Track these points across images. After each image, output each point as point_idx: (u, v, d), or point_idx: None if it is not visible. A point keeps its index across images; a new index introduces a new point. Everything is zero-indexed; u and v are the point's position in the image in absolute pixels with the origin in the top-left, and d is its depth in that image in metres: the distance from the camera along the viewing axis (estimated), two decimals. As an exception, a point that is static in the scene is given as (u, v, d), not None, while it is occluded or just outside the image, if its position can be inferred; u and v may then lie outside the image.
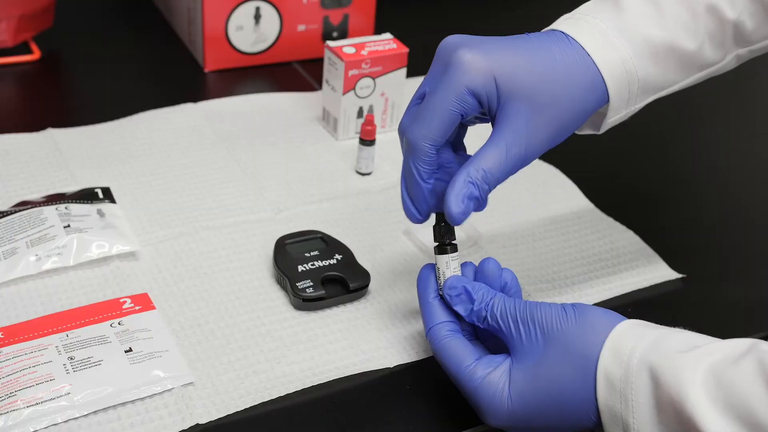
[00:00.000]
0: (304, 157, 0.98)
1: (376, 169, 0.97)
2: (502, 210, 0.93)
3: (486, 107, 0.69)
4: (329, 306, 0.79)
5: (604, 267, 0.87)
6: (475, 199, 0.68)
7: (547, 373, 0.64)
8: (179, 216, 0.87)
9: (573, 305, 0.66)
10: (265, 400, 0.70)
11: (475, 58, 0.67)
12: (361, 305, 0.80)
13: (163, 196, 0.90)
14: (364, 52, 0.97)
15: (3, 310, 0.75)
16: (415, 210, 0.71)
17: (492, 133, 0.69)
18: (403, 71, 1.00)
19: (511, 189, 0.96)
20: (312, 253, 0.81)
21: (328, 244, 0.83)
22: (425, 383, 0.73)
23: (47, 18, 1.11)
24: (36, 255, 0.78)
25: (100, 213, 0.83)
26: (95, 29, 1.19)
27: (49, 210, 0.82)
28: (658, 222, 0.95)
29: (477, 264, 0.72)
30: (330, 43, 0.98)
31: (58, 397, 0.67)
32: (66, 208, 0.83)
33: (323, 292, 0.78)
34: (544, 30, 0.73)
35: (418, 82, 1.13)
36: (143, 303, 0.76)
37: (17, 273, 0.77)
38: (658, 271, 0.87)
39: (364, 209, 0.91)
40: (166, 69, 1.14)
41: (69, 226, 0.80)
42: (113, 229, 0.82)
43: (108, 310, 0.75)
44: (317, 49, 1.14)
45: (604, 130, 0.75)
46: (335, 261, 0.81)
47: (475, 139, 0.74)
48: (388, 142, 1.00)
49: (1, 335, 0.71)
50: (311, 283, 0.78)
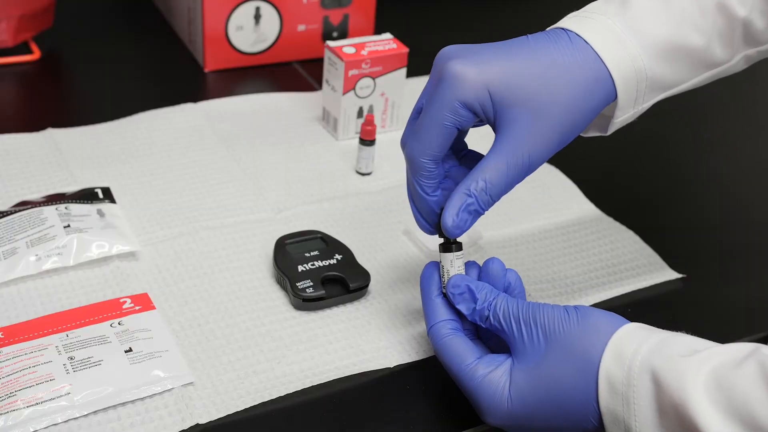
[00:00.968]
0: (304, 157, 0.98)
1: (376, 169, 0.97)
2: (502, 210, 0.93)
3: (483, 117, 0.68)
4: (329, 306, 0.79)
5: (604, 267, 0.87)
6: (474, 212, 0.68)
7: (548, 375, 0.64)
8: (179, 216, 0.87)
9: (576, 307, 0.66)
10: (265, 400, 0.70)
11: (466, 70, 0.66)
12: (361, 305, 0.80)
13: (163, 196, 0.90)
14: (364, 52, 0.97)
15: (3, 310, 0.75)
16: (426, 223, 0.71)
17: (494, 142, 0.68)
18: (403, 71, 1.00)
19: (513, 190, 0.96)
20: (312, 253, 0.81)
21: (328, 244, 0.83)
22: (425, 383, 0.73)
23: (47, 18, 1.11)
24: (36, 255, 0.78)
25: (100, 213, 0.83)
26: (95, 29, 1.19)
27: (49, 210, 0.82)
28: (658, 222, 0.95)
29: (481, 264, 0.72)
30: (330, 43, 0.98)
31: (58, 397, 0.67)
32: (66, 208, 0.83)
33: (323, 292, 0.78)
34: (548, 29, 0.72)
35: (417, 81, 1.14)
36: (143, 303, 0.76)
37: (17, 273, 0.77)
38: (658, 271, 0.87)
39: (364, 209, 0.91)
40: (166, 69, 1.14)
41: (69, 226, 0.80)
42: (113, 229, 0.82)
43: (108, 310, 0.75)
44: (317, 49, 1.14)
45: (612, 131, 0.74)
46: (335, 261, 0.81)
47: (480, 140, 0.74)
48: (388, 142, 1.00)
49: (1, 335, 0.71)
50: (311, 283, 0.78)
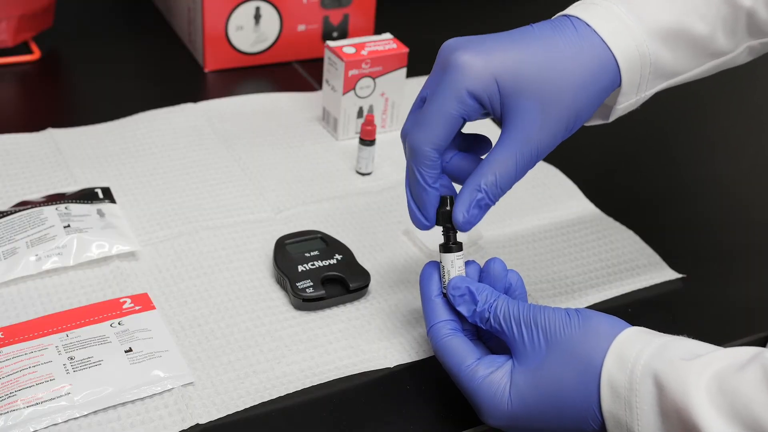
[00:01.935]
0: (304, 157, 0.98)
1: (376, 169, 0.97)
2: (502, 210, 0.93)
3: (489, 108, 0.67)
4: (329, 306, 0.79)
5: (604, 267, 0.87)
6: (485, 206, 0.68)
7: (549, 377, 0.64)
8: (179, 216, 0.87)
9: (577, 310, 0.65)
10: (265, 400, 0.70)
11: (473, 59, 0.66)
12: (361, 305, 0.80)
13: (163, 196, 0.90)
14: (364, 52, 0.97)
15: (3, 310, 0.75)
16: (422, 216, 0.70)
17: (501, 134, 0.67)
18: (403, 71, 1.00)
19: (512, 189, 0.96)
20: (312, 253, 0.81)
21: (328, 244, 0.83)
22: (425, 383, 0.73)
23: (47, 18, 1.11)
24: (36, 255, 0.78)
25: (100, 213, 0.83)
26: (95, 29, 1.19)
27: (49, 210, 0.82)
28: (658, 222, 0.95)
29: (482, 264, 0.72)
30: (330, 43, 0.98)
31: (58, 397, 0.67)
32: (66, 208, 0.83)
33: (323, 292, 0.78)
34: (554, 17, 0.71)
35: (418, 81, 1.13)
36: (143, 303, 0.76)
37: (17, 273, 0.77)
38: (658, 271, 0.87)
39: (364, 209, 0.91)
40: (166, 69, 1.14)
41: (69, 226, 0.80)
42: (113, 229, 0.82)
43: (108, 310, 0.75)
44: (317, 49, 1.14)
45: (614, 118, 0.73)
46: (335, 261, 0.81)
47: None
48: (388, 142, 1.00)
49: (1, 335, 0.71)
50: (311, 283, 0.78)
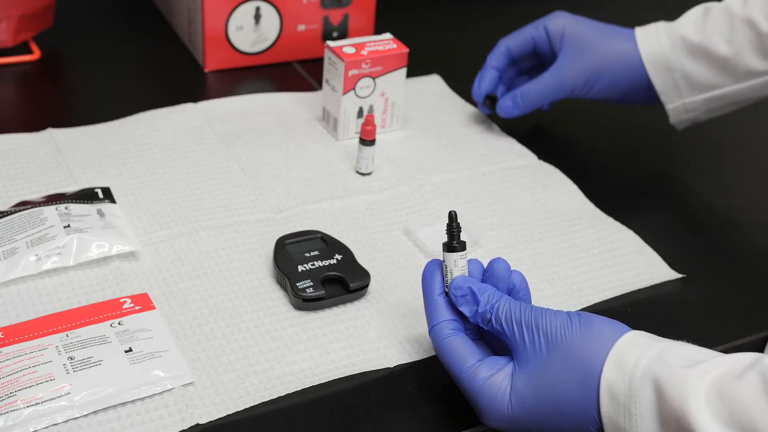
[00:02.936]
0: (304, 157, 0.98)
1: (376, 169, 0.97)
2: (502, 210, 0.93)
3: (554, 41, 0.98)
4: (329, 306, 0.79)
5: (604, 267, 0.87)
6: (516, 106, 0.99)
7: (549, 381, 0.64)
8: (179, 216, 0.87)
9: (579, 314, 0.66)
10: (265, 400, 0.70)
11: (559, 16, 0.99)
12: (361, 305, 0.80)
13: (163, 196, 0.90)
14: (364, 52, 0.97)
15: (3, 310, 0.75)
16: (477, 85, 1.01)
17: (551, 67, 0.99)
18: (403, 71, 1.00)
19: (512, 189, 0.96)
20: (312, 253, 0.81)
21: (328, 244, 0.83)
22: (425, 383, 0.73)
23: (47, 18, 1.11)
24: (36, 255, 0.78)
25: (100, 213, 0.83)
26: (95, 29, 1.19)
27: (49, 210, 0.82)
28: (658, 222, 0.95)
29: (486, 263, 0.71)
30: (330, 43, 0.98)
31: (58, 397, 0.67)
32: (66, 208, 0.83)
33: (323, 292, 0.78)
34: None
35: (418, 82, 1.13)
36: (143, 303, 0.76)
37: (17, 273, 0.77)
38: (658, 271, 0.87)
39: (364, 209, 0.91)
40: (166, 69, 1.14)
41: (69, 226, 0.80)
42: (113, 229, 0.82)
43: (108, 310, 0.75)
44: (317, 49, 1.14)
45: (675, 120, 1.00)
46: (335, 261, 0.81)
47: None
48: (388, 142, 1.00)
49: (1, 335, 0.71)
50: (311, 283, 0.78)
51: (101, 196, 0.86)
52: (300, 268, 0.79)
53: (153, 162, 0.94)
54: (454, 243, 0.70)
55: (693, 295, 0.85)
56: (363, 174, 0.96)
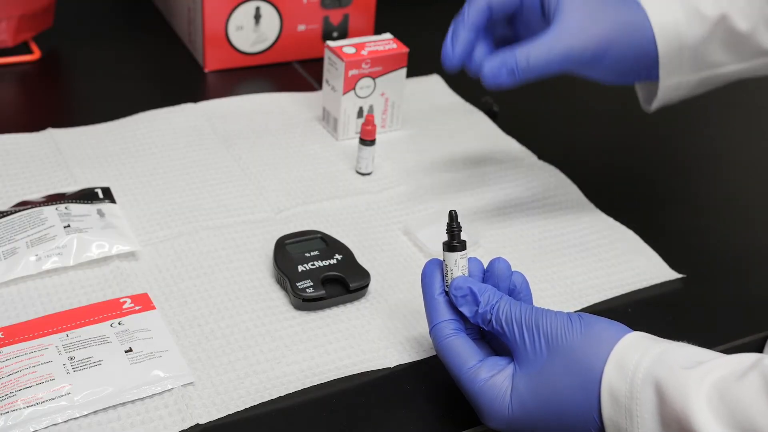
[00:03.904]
0: (304, 157, 0.98)
1: (376, 169, 0.97)
2: (502, 210, 0.93)
3: (546, 3, 0.79)
4: (329, 306, 0.79)
5: (604, 267, 0.87)
6: (511, 72, 0.77)
7: (550, 384, 0.64)
8: (179, 216, 0.87)
9: (579, 315, 0.65)
10: (265, 400, 0.70)
11: None
12: (361, 305, 0.80)
13: (163, 196, 0.90)
14: (364, 52, 0.97)
15: (3, 310, 0.75)
16: (450, 46, 0.78)
17: (543, 32, 0.78)
18: (403, 71, 1.00)
19: (512, 189, 0.96)
20: (312, 253, 0.81)
21: (328, 244, 0.83)
22: (425, 383, 0.73)
23: (47, 18, 1.11)
24: (36, 255, 0.78)
25: (100, 213, 0.83)
26: (95, 29, 1.19)
27: (49, 210, 0.82)
28: (658, 222, 0.95)
29: (486, 262, 0.71)
30: (330, 43, 0.98)
31: (58, 397, 0.67)
32: (66, 208, 0.83)
33: (323, 292, 0.78)
34: None
35: (418, 82, 1.13)
36: (143, 303, 0.76)
37: (17, 273, 0.77)
38: (658, 271, 0.87)
39: (364, 209, 0.91)
40: (166, 69, 1.14)
41: (69, 226, 0.80)
42: (113, 229, 0.82)
43: (108, 310, 0.75)
44: (317, 49, 1.14)
45: (662, 96, 0.84)
46: (335, 261, 0.81)
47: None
48: (388, 142, 1.00)
49: (1, 335, 0.71)
50: (311, 283, 0.78)
51: (101, 196, 0.86)
52: (300, 268, 0.79)
53: (153, 162, 0.94)
54: (454, 242, 0.70)
55: (693, 295, 0.85)
56: (363, 174, 0.96)
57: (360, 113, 1.00)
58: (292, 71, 1.14)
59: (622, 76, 0.84)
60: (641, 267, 0.87)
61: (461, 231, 0.70)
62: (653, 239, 0.90)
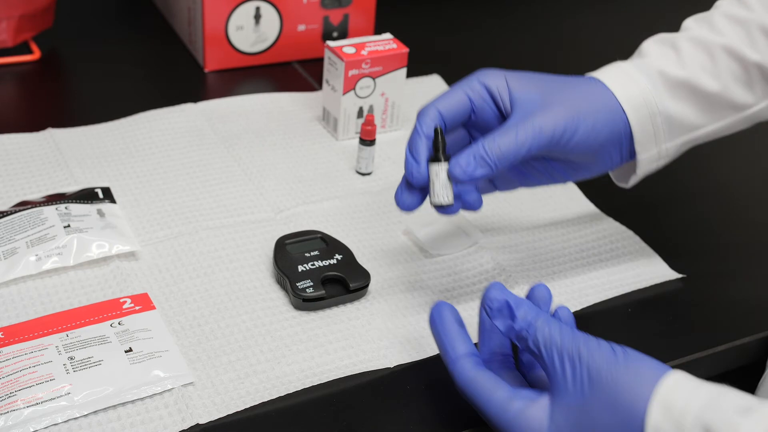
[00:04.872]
0: (304, 157, 0.98)
1: (376, 169, 0.97)
2: (502, 210, 0.93)
3: (498, 97, 0.75)
4: (329, 306, 0.79)
5: (604, 267, 0.87)
6: (482, 160, 0.71)
7: (591, 420, 0.60)
8: (179, 216, 0.87)
9: (622, 348, 0.62)
10: (265, 400, 0.70)
11: (491, 71, 0.76)
12: (361, 305, 0.80)
13: (163, 196, 0.90)
14: (364, 52, 0.97)
15: (3, 310, 0.75)
16: (413, 159, 0.73)
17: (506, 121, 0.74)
18: (403, 71, 1.00)
19: (512, 188, 0.96)
20: (312, 253, 0.81)
21: (328, 244, 0.83)
22: (425, 383, 0.73)
23: (47, 18, 1.11)
24: (36, 255, 0.78)
25: (100, 213, 0.83)
26: (95, 29, 1.19)
27: (49, 210, 0.82)
28: (658, 222, 0.95)
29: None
30: (330, 43, 0.98)
31: (58, 397, 0.67)
32: (66, 208, 0.83)
33: (323, 292, 0.78)
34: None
35: (418, 81, 1.13)
36: (143, 303, 0.76)
37: (17, 273, 0.77)
38: (658, 271, 0.87)
39: (364, 209, 0.91)
40: (166, 69, 1.14)
41: (69, 226, 0.80)
42: (113, 229, 0.82)
43: (108, 310, 0.75)
44: (317, 49, 1.14)
45: (641, 172, 0.80)
46: (335, 261, 0.81)
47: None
48: (388, 142, 1.00)
49: (1, 335, 0.71)
50: (311, 283, 0.78)
51: (101, 196, 0.86)
52: (300, 268, 0.79)
53: (153, 162, 0.94)
54: (438, 155, 0.72)
55: (693, 295, 0.85)
56: (363, 174, 0.96)
57: (360, 113, 1.00)
58: (292, 71, 1.14)
59: (599, 149, 0.77)
60: (641, 267, 0.87)
61: (446, 146, 0.72)
62: (653, 239, 0.90)
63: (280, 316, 0.78)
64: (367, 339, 0.76)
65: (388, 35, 1.01)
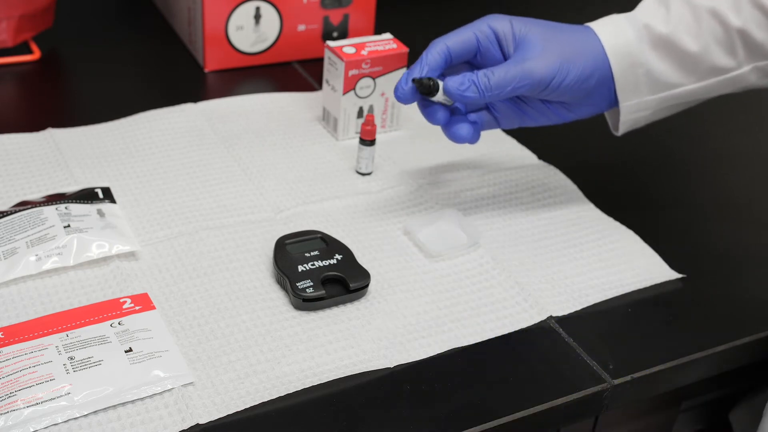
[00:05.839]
0: (304, 157, 0.98)
1: (376, 169, 0.97)
2: (502, 210, 0.93)
3: (503, 38, 0.83)
4: (329, 306, 0.79)
5: (604, 267, 0.87)
6: (472, 84, 0.80)
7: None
8: (179, 216, 0.87)
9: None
10: (265, 400, 0.70)
11: (499, 16, 0.84)
12: (361, 305, 0.80)
13: (163, 196, 0.90)
14: (364, 52, 0.97)
15: (3, 310, 0.75)
16: (404, 80, 0.81)
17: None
18: (403, 71, 1.00)
19: (512, 189, 0.96)
20: (312, 253, 0.81)
21: (328, 244, 0.83)
22: (425, 383, 0.73)
23: (47, 18, 1.12)
24: (36, 255, 0.78)
25: (100, 213, 0.83)
26: (95, 29, 1.19)
27: (49, 210, 0.82)
28: (658, 222, 0.95)
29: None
30: (330, 43, 0.98)
31: (58, 397, 0.67)
32: (66, 208, 0.83)
33: (323, 292, 0.78)
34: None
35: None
36: (143, 303, 0.76)
37: (17, 273, 0.77)
38: (658, 271, 0.87)
39: (364, 209, 0.91)
40: (166, 69, 1.14)
41: (69, 226, 0.80)
42: (113, 229, 0.82)
43: (108, 310, 0.75)
44: (317, 49, 1.15)
45: (624, 120, 0.87)
46: (335, 261, 0.81)
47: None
48: (388, 142, 1.00)
49: (1, 335, 0.71)
50: (311, 283, 0.78)
51: (101, 196, 0.86)
52: (300, 268, 0.79)
53: (153, 162, 0.94)
54: (431, 94, 0.80)
55: (693, 295, 0.85)
56: (363, 174, 0.96)
57: (360, 113, 1.00)
58: (292, 71, 1.14)
59: (588, 95, 0.84)
60: (641, 267, 0.87)
61: (437, 85, 0.80)
62: (653, 239, 0.90)
63: (280, 316, 0.78)
64: (367, 339, 0.76)
65: (388, 35, 1.01)
